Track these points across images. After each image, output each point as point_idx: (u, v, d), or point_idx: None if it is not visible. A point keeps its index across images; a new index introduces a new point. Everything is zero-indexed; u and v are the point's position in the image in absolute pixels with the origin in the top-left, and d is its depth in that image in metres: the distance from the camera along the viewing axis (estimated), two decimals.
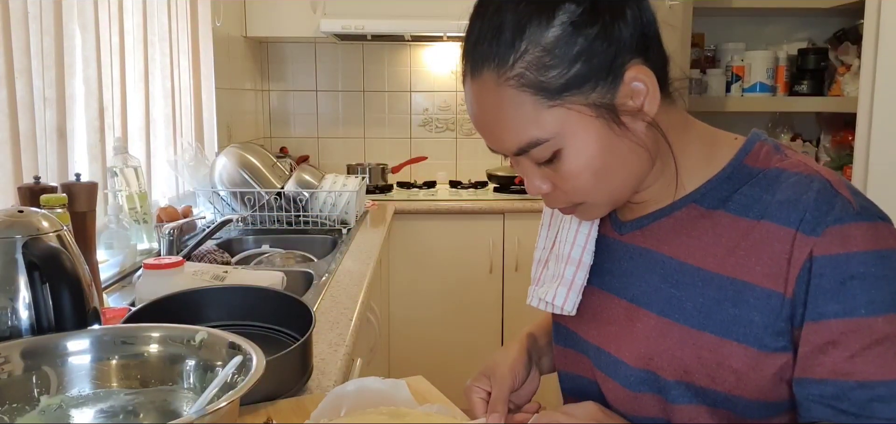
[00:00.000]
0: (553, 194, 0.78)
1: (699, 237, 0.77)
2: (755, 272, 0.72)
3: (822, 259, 0.69)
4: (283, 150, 3.40)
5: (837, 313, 0.69)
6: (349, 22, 2.91)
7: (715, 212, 0.77)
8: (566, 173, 0.74)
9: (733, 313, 0.73)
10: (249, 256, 2.22)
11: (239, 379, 0.75)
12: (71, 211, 1.25)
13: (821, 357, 0.69)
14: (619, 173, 0.75)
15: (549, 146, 0.73)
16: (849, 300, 0.68)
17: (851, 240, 0.68)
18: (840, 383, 0.68)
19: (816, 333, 0.70)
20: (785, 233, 0.71)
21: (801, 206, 0.71)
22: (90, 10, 1.70)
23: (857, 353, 0.68)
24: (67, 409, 0.81)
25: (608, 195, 0.77)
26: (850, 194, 0.71)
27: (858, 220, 0.69)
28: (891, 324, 0.68)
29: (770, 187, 0.74)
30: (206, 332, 0.85)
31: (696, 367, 0.75)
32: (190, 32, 2.40)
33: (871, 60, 1.94)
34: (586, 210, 0.80)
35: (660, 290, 0.79)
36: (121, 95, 1.90)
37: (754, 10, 2.83)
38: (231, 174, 2.35)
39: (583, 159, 0.73)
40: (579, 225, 0.87)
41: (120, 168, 1.81)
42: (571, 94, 0.70)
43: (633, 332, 0.80)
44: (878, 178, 1.93)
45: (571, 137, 0.72)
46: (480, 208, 2.95)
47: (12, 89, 1.40)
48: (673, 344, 0.76)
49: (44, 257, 0.88)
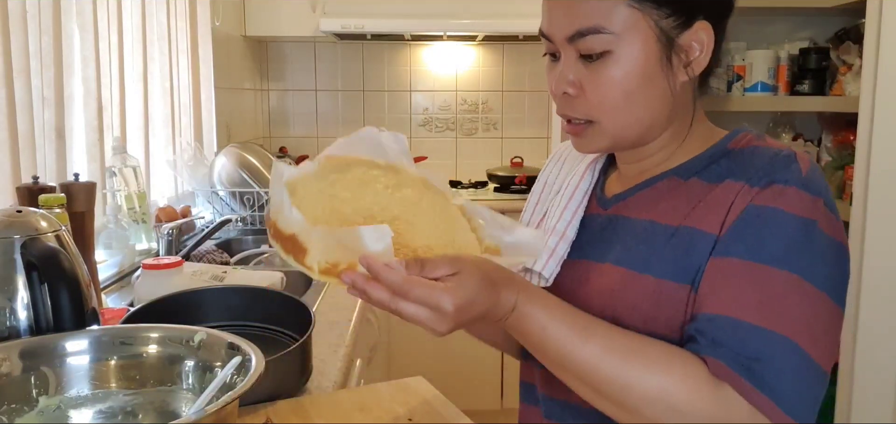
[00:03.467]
0: (574, 101, 0.80)
1: (671, 200, 0.81)
2: (707, 220, 0.76)
3: (753, 207, 0.73)
4: (283, 150, 3.40)
5: (740, 253, 0.72)
6: (349, 21, 2.90)
7: (690, 180, 0.82)
8: (604, 79, 0.77)
9: (685, 260, 0.77)
10: (249, 256, 2.21)
11: (238, 380, 0.75)
12: (69, 211, 1.24)
13: (711, 293, 0.73)
14: (642, 107, 0.79)
15: (607, 40, 0.75)
16: (756, 246, 0.71)
17: (785, 199, 0.72)
18: (715, 316, 0.71)
19: (717, 268, 0.74)
20: (737, 186, 0.75)
21: (760, 165, 0.75)
22: (89, 10, 1.70)
23: (743, 293, 0.71)
24: (66, 410, 0.80)
25: (621, 125, 0.80)
26: (808, 168, 0.74)
27: (801, 188, 0.72)
28: (788, 283, 0.70)
29: (741, 158, 0.79)
30: (205, 332, 0.84)
31: (653, 313, 0.77)
32: (189, 32, 2.39)
33: (872, 59, 1.93)
34: (593, 135, 0.81)
35: (631, 248, 0.82)
36: (119, 95, 1.89)
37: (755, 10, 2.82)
38: (230, 174, 2.35)
39: (626, 69, 0.76)
40: (569, 201, 0.90)
41: (119, 168, 1.81)
42: (651, 5, 0.75)
43: (600, 287, 0.83)
44: (879, 177, 1.93)
45: (628, 44, 0.76)
46: None
47: (11, 89, 1.40)
48: (634, 294, 0.79)
49: (42, 257, 0.87)
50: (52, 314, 0.88)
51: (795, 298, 0.70)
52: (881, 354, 1.94)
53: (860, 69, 2.08)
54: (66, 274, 0.87)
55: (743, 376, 0.69)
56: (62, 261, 0.88)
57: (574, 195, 0.91)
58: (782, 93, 2.77)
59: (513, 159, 3.41)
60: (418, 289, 0.69)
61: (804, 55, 2.75)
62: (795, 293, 0.70)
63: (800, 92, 2.74)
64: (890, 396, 1.95)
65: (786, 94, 2.77)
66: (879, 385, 1.95)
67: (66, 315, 0.87)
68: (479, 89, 3.50)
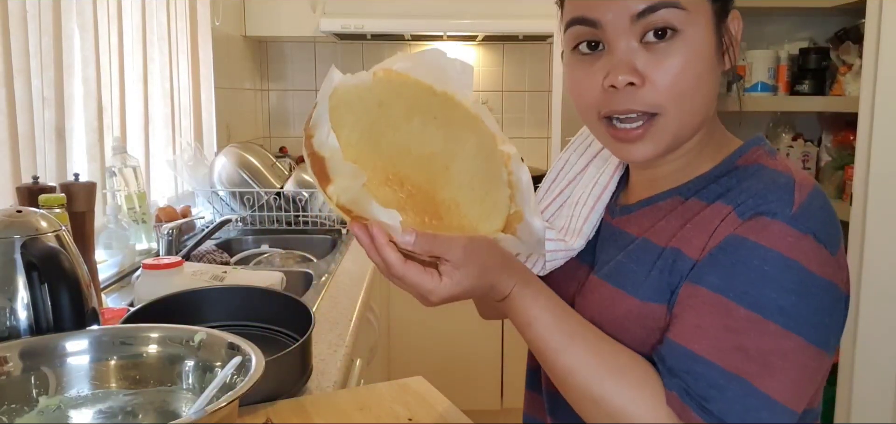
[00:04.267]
0: (639, 92, 0.72)
1: (667, 220, 0.79)
2: (692, 243, 0.73)
3: (734, 238, 0.69)
4: (283, 150, 3.39)
5: (712, 285, 0.69)
6: (349, 21, 2.90)
7: (689, 200, 0.78)
8: (673, 63, 0.71)
9: (668, 280, 0.74)
10: (249, 256, 2.22)
11: (238, 380, 0.75)
12: (69, 211, 1.24)
13: (677, 319, 0.71)
14: (704, 97, 0.74)
15: (678, 16, 0.70)
16: (727, 281, 0.68)
17: (768, 235, 0.68)
18: (675, 345, 0.70)
19: (687, 295, 0.71)
20: (725, 210, 0.72)
21: (751, 192, 0.71)
22: (89, 10, 1.70)
23: (703, 327, 0.69)
24: (66, 410, 0.80)
25: (688, 116, 0.74)
26: (802, 200, 0.69)
27: (789, 223, 0.68)
28: (750, 323, 0.67)
29: (743, 178, 0.75)
30: (205, 332, 0.84)
31: (639, 333, 0.76)
32: (189, 32, 2.39)
33: (872, 59, 1.93)
34: (656, 132, 0.74)
35: (622, 265, 0.80)
36: (119, 95, 1.89)
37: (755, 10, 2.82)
38: (230, 174, 2.35)
39: (694, 51, 0.72)
40: (596, 203, 0.87)
41: (119, 168, 1.81)
42: None
43: (590, 302, 0.82)
44: (879, 178, 1.93)
45: (695, 25, 0.72)
46: None
47: (11, 89, 1.40)
48: (620, 311, 0.78)
49: (42, 257, 0.87)
50: (52, 314, 0.88)
51: (757, 340, 0.66)
52: (881, 354, 1.94)
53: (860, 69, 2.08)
54: (66, 274, 0.87)
55: (693, 409, 0.67)
56: (62, 261, 0.88)
57: (601, 197, 0.88)
58: (782, 93, 2.77)
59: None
60: (412, 276, 0.69)
61: (804, 55, 2.75)
62: (755, 331, 0.67)
63: (800, 92, 2.74)
64: (890, 396, 1.95)
65: (786, 94, 2.77)
66: (879, 385, 1.95)
67: (66, 315, 0.87)
68: (479, 89, 3.50)
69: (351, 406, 0.97)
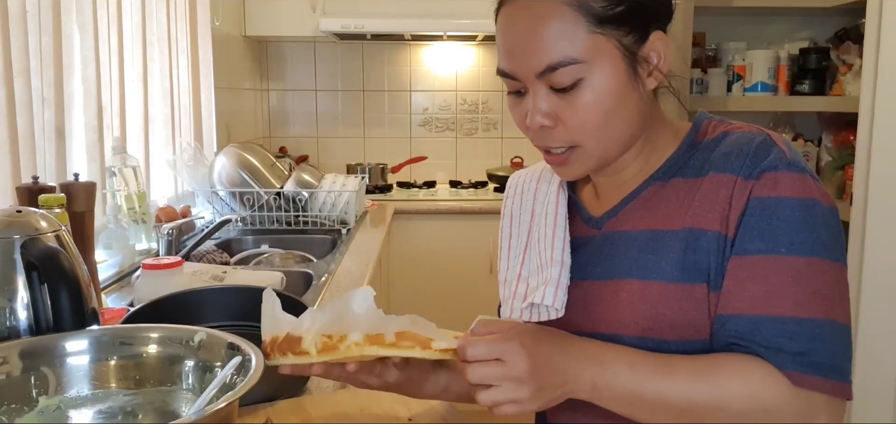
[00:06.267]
0: (553, 132, 0.81)
1: (663, 206, 0.83)
2: (707, 218, 0.78)
3: (755, 201, 0.75)
4: (283, 150, 3.39)
5: (761, 249, 0.74)
6: (349, 21, 2.90)
7: (671, 181, 0.84)
8: (581, 105, 0.78)
9: (694, 259, 0.78)
10: (248, 256, 2.21)
11: (238, 380, 0.75)
12: (69, 211, 1.24)
13: (740, 292, 0.75)
14: (621, 122, 0.80)
15: (577, 69, 0.77)
16: (772, 239, 0.74)
17: (781, 185, 0.75)
18: (755, 318, 0.74)
19: (740, 267, 0.76)
20: (728, 179, 0.78)
21: (743, 155, 0.77)
22: (89, 10, 1.70)
23: (775, 289, 0.74)
24: (66, 410, 0.80)
25: (604, 145, 0.81)
26: (785, 147, 0.78)
27: (789, 169, 0.76)
28: (809, 266, 0.73)
29: (715, 147, 0.81)
30: (205, 332, 0.84)
31: (675, 317, 0.79)
32: (189, 32, 2.39)
33: (872, 59, 1.93)
34: (578, 158, 0.82)
35: (638, 260, 0.82)
36: (119, 95, 1.89)
37: (755, 10, 2.82)
38: (230, 174, 2.35)
39: (600, 92, 0.78)
40: (554, 230, 0.90)
41: (118, 168, 1.81)
42: (611, 28, 0.77)
43: (619, 303, 0.83)
44: (879, 178, 1.93)
45: (599, 68, 0.77)
46: (480, 208, 2.94)
47: (10, 89, 1.40)
48: (655, 301, 0.80)
49: (42, 257, 0.87)
50: (52, 314, 0.87)
51: (820, 278, 0.73)
52: (881, 354, 1.94)
53: (860, 69, 2.08)
54: (66, 274, 0.87)
55: (806, 372, 0.72)
56: (62, 261, 0.88)
57: (557, 220, 0.90)
58: (782, 93, 2.77)
59: (513, 158, 3.41)
60: (480, 345, 0.76)
61: (804, 55, 2.75)
62: (818, 273, 0.73)
63: (800, 92, 2.74)
64: (890, 396, 1.95)
65: (786, 94, 2.77)
66: (879, 385, 1.95)
67: (66, 315, 0.87)
68: (478, 89, 3.50)
69: (351, 406, 0.97)
